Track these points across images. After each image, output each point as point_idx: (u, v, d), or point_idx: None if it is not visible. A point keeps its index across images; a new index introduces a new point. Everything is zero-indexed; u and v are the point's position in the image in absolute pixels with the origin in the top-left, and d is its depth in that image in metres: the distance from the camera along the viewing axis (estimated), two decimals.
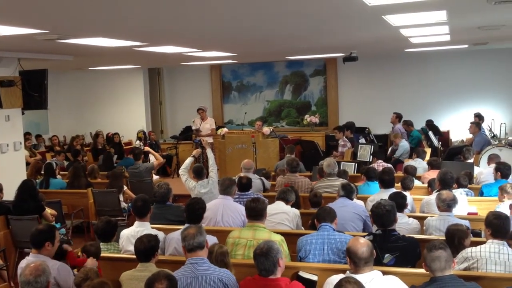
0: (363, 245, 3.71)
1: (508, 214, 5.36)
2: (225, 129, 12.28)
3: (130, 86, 15.86)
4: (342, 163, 9.41)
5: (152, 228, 5.21)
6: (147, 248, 4.24)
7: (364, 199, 6.55)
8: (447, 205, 5.31)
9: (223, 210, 5.88)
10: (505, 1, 5.21)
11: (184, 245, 4.05)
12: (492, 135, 11.67)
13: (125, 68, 14.71)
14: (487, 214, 4.56)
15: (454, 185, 6.68)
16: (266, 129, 11.93)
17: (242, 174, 7.23)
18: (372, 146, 10.29)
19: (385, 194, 5.88)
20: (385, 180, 6.49)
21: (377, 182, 6.85)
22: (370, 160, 9.57)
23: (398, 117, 12.39)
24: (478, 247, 4.36)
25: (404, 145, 11.02)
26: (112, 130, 14.06)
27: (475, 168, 8.51)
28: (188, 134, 14.21)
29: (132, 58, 10.75)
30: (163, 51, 9.04)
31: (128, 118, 15.61)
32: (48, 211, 7.16)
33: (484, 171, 8.17)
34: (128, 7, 4.76)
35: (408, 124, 12.46)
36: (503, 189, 5.96)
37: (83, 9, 4.76)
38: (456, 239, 4.56)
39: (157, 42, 7.82)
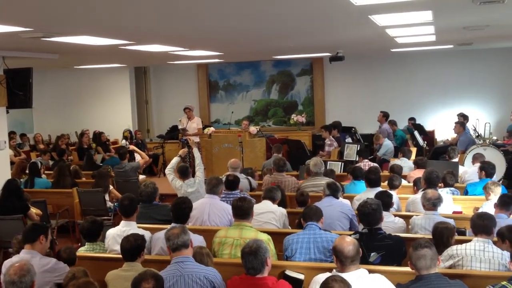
0: (349, 243, 3.72)
1: (493, 213, 5.44)
2: (211, 129, 12.26)
3: (116, 85, 15.77)
4: (328, 162, 9.44)
5: (139, 227, 5.18)
6: (133, 247, 4.22)
7: (351, 198, 6.57)
8: (432, 204, 5.35)
9: (210, 209, 5.87)
10: (490, 1, 5.26)
11: (168, 245, 4.07)
12: (477, 134, 11.77)
13: (111, 67, 14.62)
14: (472, 215, 4.63)
15: (440, 184, 6.74)
16: (253, 129, 11.93)
17: (228, 174, 7.23)
18: (359, 146, 10.33)
19: (371, 193, 5.90)
20: (371, 179, 6.52)
21: (364, 181, 6.88)
22: (357, 159, 9.61)
23: (385, 116, 12.42)
24: (464, 245, 4.42)
25: (387, 144, 11.07)
26: (98, 129, 13.96)
27: (460, 167, 8.58)
28: (174, 133, 14.18)
29: (118, 56, 10.69)
30: (150, 50, 9.00)
31: (114, 117, 15.51)
32: (33, 210, 7.09)
33: (468, 170, 8.24)
34: (114, 5, 4.73)
35: (392, 124, 12.52)
36: (487, 187, 6.05)
37: (68, 7, 4.72)
38: (445, 237, 4.61)
39: (144, 40, 7.78)
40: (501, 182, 9.14)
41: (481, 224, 4.44)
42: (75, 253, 4.75)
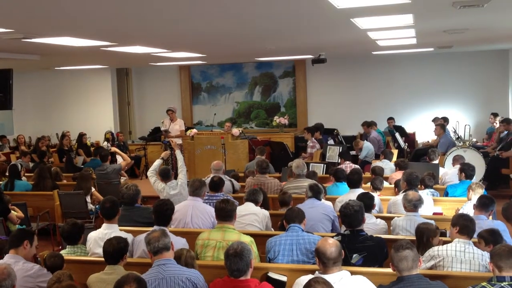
0: (331, 245, 3.74)
1: (473, 214, 5.52)
2: (194, 130, 12.22)
3: (97, 86, 15.66)
4: (311, 164, 9.47)
5: (121, 230, 5.15)
6: (116, 250, 4.19)
7: (333, 200, 6.60)
8: (413, 206, 5.40)
9: (193, 211, 5.86)
10: (469, 5, 5.34)
11: (149, 249, 4.06)
12: (457, 136, 11.92)
13: (92, 68, 14.51)
14: (454, 214, 4.68)
15: (420, 186, 6.80)
16: (236, 130, 11.92)
17: (212, 176, 7.21)
18: (341, 147, 10.39)
19: (353, 195, 5.94)
20: (353, 179, 6.56)
21: (346, 183, 6.92)
22: (339, 161, 9.65)
23: (369, 125, 12.34)
24: (445, 245, 4.46)
25: (367, 146, 11.14)
26: (79, 131, 13.82)
27: (440, 169, 8.67)
28: (157, 135, 14.10)
29: (100, 58, 10.62)
30: (132, 51, 8.96)
31: (96, 119, 15.40)
32: (15, 213, 7.01)
33: (449, 172, 8.33)
34: (95, 6, 4.70)
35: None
36: (470, 187, 6.16)
37: (49, 8, 4.68)
38: (425, 237, 4.67)
39: (125, 42, 7.74)
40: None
41: (467, 225, 4.49)
42: (62, 259, 4.64)
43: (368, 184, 6.99)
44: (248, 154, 11.50)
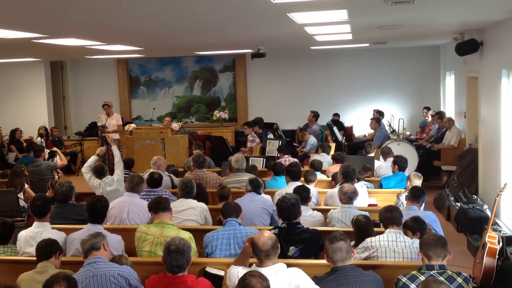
0: (265, 237, 3.75)
1: (405, 205, 5.72)
2: (133, 125, 12.04)
3: (30, 80, 15.05)
4: (250, 158, 9.51)
5: (53, 228, 5.00)
6: (48, 243, 4.17)
7: (272, 194, 6.64)
8: (348, 198, 5.52)
9: (129, 207, 5.78)
10: (400, 1, 5.47)
11: (82, 251, 4.08)
12: (392, 130, 12.27)
13: (25, 61, 13.95)
14: (380, 210, 4.85)
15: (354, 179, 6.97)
16: (175, 125, 11.83)
17: (151, 171, 7.12)
18: (280, 141, 10.48)
19: (291, 188, 6.00)
20: (293, 172, 6.63)
21: (284, 176, 6.98)
22: (278, 155, 9.73)
23: (315, 116, 12.53)
24: (377, 236, 4.59)
25: (311, 139, 11.34)
26: (11, 126, 13.30)
27: (376, 161, 8.90)
28: (93, 130, 13.76)
29: (31, 50, 10.21)
30: (65, 44, 8.67)
31: (29, 114, 14.80)
32: None
33: (383, 165, 8.56)
34: None
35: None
36: (408, 178, 6.43)
37: None
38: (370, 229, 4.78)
39: (58, 34, 7.47)
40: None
41: (390, 217, 4.65)
42: None
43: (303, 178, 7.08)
44: (188, 149, 11.43)
